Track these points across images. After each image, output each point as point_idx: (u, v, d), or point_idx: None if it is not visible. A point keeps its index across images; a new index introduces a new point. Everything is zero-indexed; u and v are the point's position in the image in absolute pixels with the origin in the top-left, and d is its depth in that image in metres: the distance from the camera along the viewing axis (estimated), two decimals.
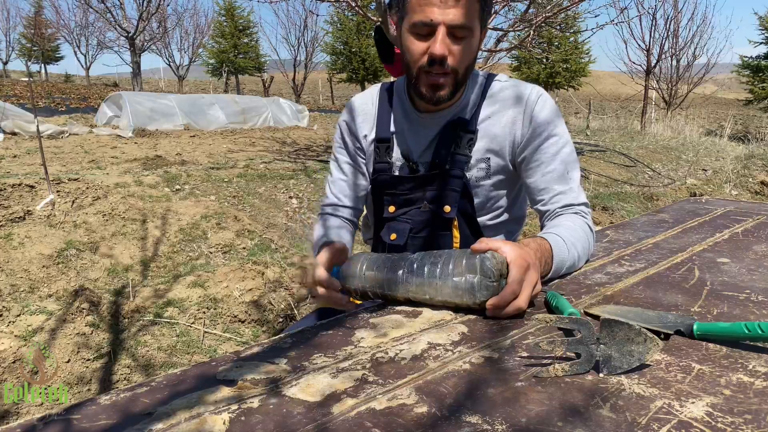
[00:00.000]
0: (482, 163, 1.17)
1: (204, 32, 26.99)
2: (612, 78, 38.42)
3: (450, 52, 1.04)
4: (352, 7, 4.63)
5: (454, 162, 1.16)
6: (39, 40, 32.74)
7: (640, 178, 7.11)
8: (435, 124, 1.18)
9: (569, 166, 1.14)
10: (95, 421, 0.57)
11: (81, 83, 29.65)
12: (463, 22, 1.02)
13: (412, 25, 1.04)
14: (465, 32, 1.03)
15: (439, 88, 1.08)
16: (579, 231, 1.05)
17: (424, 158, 1.20)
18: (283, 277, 3.27)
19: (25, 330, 2.45)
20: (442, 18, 1.01)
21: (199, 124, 9.18)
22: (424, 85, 1.09)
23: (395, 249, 1.23)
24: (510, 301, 0.81)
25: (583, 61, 21.96)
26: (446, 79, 1.07)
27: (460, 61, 1.06)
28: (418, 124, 1.20)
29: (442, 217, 1.19)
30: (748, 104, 18.53)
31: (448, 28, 1.02)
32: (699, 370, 0.66)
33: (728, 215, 1.51)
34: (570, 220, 1.08)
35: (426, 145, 1.19)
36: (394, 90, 1.26)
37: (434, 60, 1.03)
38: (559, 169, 1.13)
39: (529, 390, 0.62)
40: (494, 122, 1.16)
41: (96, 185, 4.30)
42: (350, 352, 0.73)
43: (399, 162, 1.22)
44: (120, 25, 16.71)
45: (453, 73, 1.07)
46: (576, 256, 1.02)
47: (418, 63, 1.06)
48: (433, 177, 1.18)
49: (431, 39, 1.03)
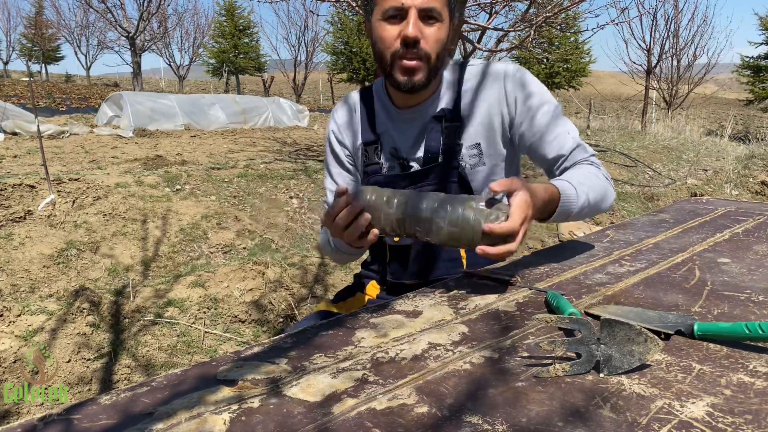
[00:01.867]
0: (474, 149, 1.17)
1: (204, 32, 27.03)
2: (612, 78, 38.41)
3: (422, 35, 1.05)
4: (353, 7, 4.63)
5: (446, 153, 1.16)
6: (39, 40, 32.76)
7: (640, 178, 7.11)
8: (418, 119, 1.19)
9: (567, 127, 1.17)
10: (95, 421, 0.57)
11: (81, 83, 29.67)
12: (433, 5, 1.04)
13: (383, 12, 1.06)
14: (435, 15, 1.05)
15: (414, 72, 1.08)
16: (592, 177, 1.10)
17: (413, 154, 1.20)
18: (284, 277, 3.27)
19: (26, 330, 2.45)
20: (411, 1, 1.03)
21: (200, 124, 9.18)
22: (399, 71, 1.09)
23: (401, 250, 1.22)
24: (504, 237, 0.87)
25: (583, 61, 21.96)
26: (420, 63, 1.07)
27: (432, 46, 1.07)
28: (402, 121, 1.20)
29: None
30: (749, 104, 18.53)
31: (419, 12, 1.04)
32: (699, 370, 0.66)
33: (729, 215, 1.51)
34: (582, 169, 1.12)
35: (413, 141, 1.19)
36: (374, 92, 1.26)
37: (407, 42, 1.05)
38: (561, 134, 1.15)
39: (530, 390, 0.62)
40: (478, 106, 1.16)
41: (96, 185, 4.30)
42: (350, 352, 0.73)
43: (389, 162, 1.22)
44: (120, 25, 16.73)
45: (426, 59, 1.07)
46: (587, 198, 1.06)
47: (392, 48, 1.07)
48: (427, 171, 1.18)
49: (403, 23, 1.05)
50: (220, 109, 9.59)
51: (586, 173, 1.11)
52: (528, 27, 5.01)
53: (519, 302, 0.89)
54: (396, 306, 0.90)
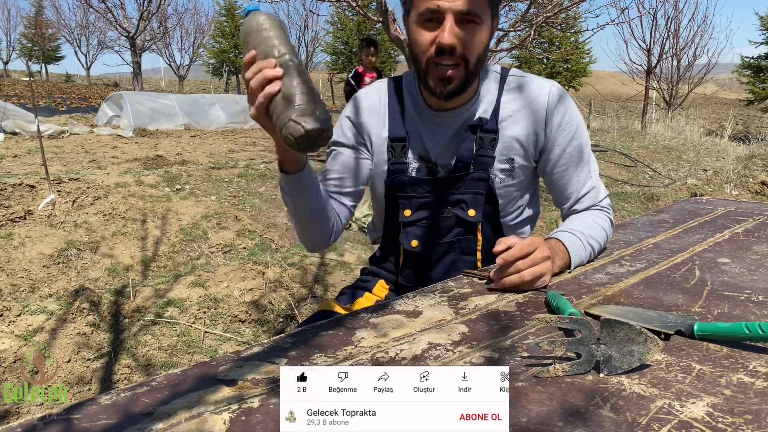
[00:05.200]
0: (506, 164, 1.13)
1: (204, 32, 27.03)
2: (612, 78, 38.40)
3: (459, 41, 1.00)
4: (353, 7, 4.62)
5: (478, 164, 1.12)
6: (39, 39, 32.76)
7: (640, 178, 7.11)
8: (452, 123, 1.13)
9: (591, 167, 1.17)
10: (95, 421, 0.57)
11: (81, 83, 29.67)
12: (472, 8, 0.98)
13: (420, 14, 1.01)
14: (474, 18, 1.00)
15: (449, 81, 1.03)
16: (597, 227, 1.11)
17: (442, 159, 1.14)
18: (284, 277, 3.27)
19: (26, 330, 2.45)
20: (449, 5, 0.97)
21: (200, 123, 9.18)
22: (433, 78, 1.04)
23: (417, 256, 1.19)
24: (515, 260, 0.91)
25: (583, 61, 21.98)
26: (456, 71, 1.03)
27: (470, 50, 1.02)
28: (434, 123, 1.15)
29: (466, 222, 1.15)
30: (749, 104, 18.53)
31: (456, 15, 0.98)
32: (699, 370, 0.66)
33: (729, 215, 1.51)
34: (590, 217, 1.14)
35: (444, 146, 1.14)
36: (404, 86, 1.19)
37: (443, 49, 1.00)
38: (584, 173, 1.15)
39: (530, 390, 0.62)
40: (516, 121, 1.12)
41: (96, 185, 4.30)
42: (350, 352, 0.73)
43: (415, 163, 1.15)
44: (120, 24, 16.73)
45: (463, 63, 1.02)
46: (591, 250, 1.08)
47: (427, 54, 1.02)
48: (454, 179, 1.13)
49: (439, 28, 1.00)
50: (220, 109, 9.58)
51: (591, 223, 1.12)
52: (528, 27, 5.01)
53: (519, 302, 0.89)
54: (396, 306, 0.90)
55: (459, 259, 1.18)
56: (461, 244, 1.17)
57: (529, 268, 0.91)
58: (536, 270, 0.92)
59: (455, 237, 1.17)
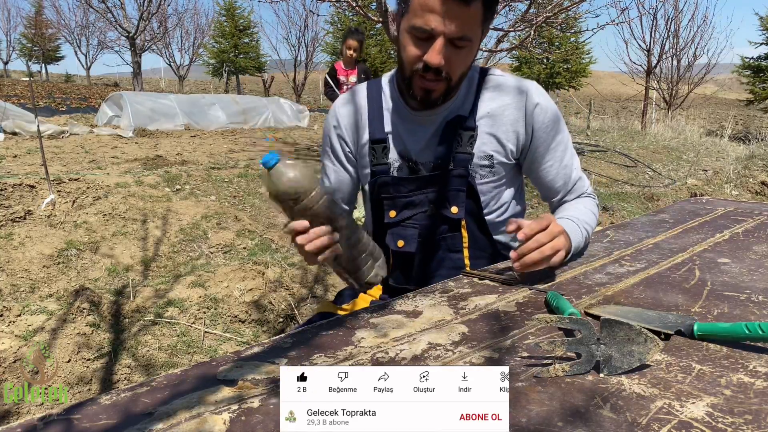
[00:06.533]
0: (485, 161, 1.15)
1: (204, 32, 27.01)
2: (612, 78, 38.41)
3: (446, 61, 1.01)
4: (353, 7, 4.63)
5: (457, 161, 1.14)
6: (39, 40, 32.75)
7: (640, 179, 7.11)
8: (431, 122, 1.16)
9: (574, 159, 1.22)
10: (95, 421, 0.57)
11: (81, 83, 29.68)
12: (464, 33, 0.99)
13: (412, 27, 1.01)
14: (464, 42, 1.01)
15: (431, 92, 1.07)
16: (588, 213, 1.17)
17: (423, 158, 1.17)
18: (284, 277, 3.27)
19: (26, 330, 2.45)
20: (442, 28, 0.98)
21: (200, 124, 9.18)
22: (417, 87, 1.08)
23: (405, 256, 1.21)
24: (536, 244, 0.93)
25: (583, 61, 21.96)
26: (438, 85, 1.06)
27: (455, 70, 1.05)
28: (414, 123, 1.17)
29: (449, 219, 1.16)
30: (749, 105, 18.51)
31: (447, 39, 0.99)
32: (699, 370, 0.66)
33: (729, 215, 1.51)
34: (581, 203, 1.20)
35: (424, 144, 1.16)
36: (383, 87, 1.21)
37: (429, 68, 1.02)
38: (568, 166, 1.20)
39: (530, 390, 0.62)
40: (495, 119, 1.15)
41: (96, 185, 4.30)
42: (350, 352, 0.73)
43: (397, 163, 1.18)
44: (120, 24, 16.71)
45: (447, 80, 1.05)
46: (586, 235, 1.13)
47: (413, 66, 1.05)
48: (435, 178, 1.15)
49: (429, 45, 1.00)
50: (220, 109, 9.58)
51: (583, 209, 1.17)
52: (528, 27, 5.01)
53: (519, 302, 0.89)
54: (396, 306, 0.90)
55: (446, 257, 1.20)
56: (447, 241, 1.19)
57: (549, 242, 0.94)
58: (555, 243, 0.94)
59: (440, 235, 1.19)
